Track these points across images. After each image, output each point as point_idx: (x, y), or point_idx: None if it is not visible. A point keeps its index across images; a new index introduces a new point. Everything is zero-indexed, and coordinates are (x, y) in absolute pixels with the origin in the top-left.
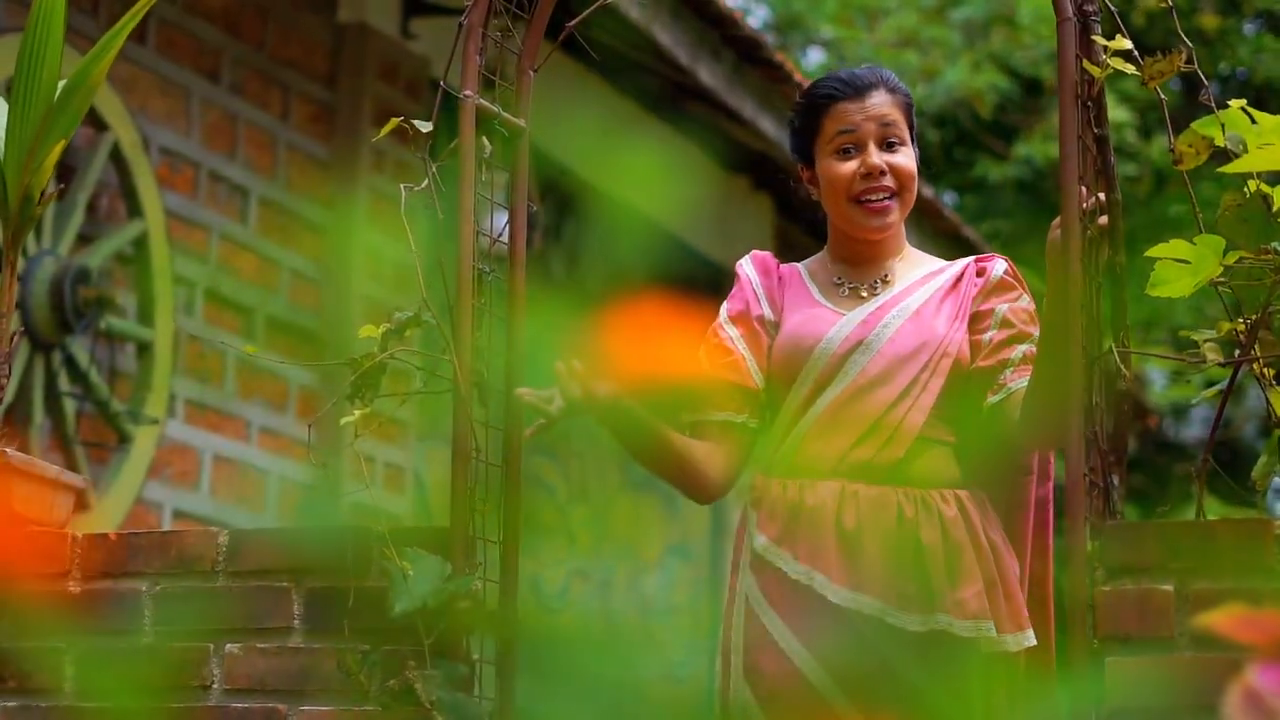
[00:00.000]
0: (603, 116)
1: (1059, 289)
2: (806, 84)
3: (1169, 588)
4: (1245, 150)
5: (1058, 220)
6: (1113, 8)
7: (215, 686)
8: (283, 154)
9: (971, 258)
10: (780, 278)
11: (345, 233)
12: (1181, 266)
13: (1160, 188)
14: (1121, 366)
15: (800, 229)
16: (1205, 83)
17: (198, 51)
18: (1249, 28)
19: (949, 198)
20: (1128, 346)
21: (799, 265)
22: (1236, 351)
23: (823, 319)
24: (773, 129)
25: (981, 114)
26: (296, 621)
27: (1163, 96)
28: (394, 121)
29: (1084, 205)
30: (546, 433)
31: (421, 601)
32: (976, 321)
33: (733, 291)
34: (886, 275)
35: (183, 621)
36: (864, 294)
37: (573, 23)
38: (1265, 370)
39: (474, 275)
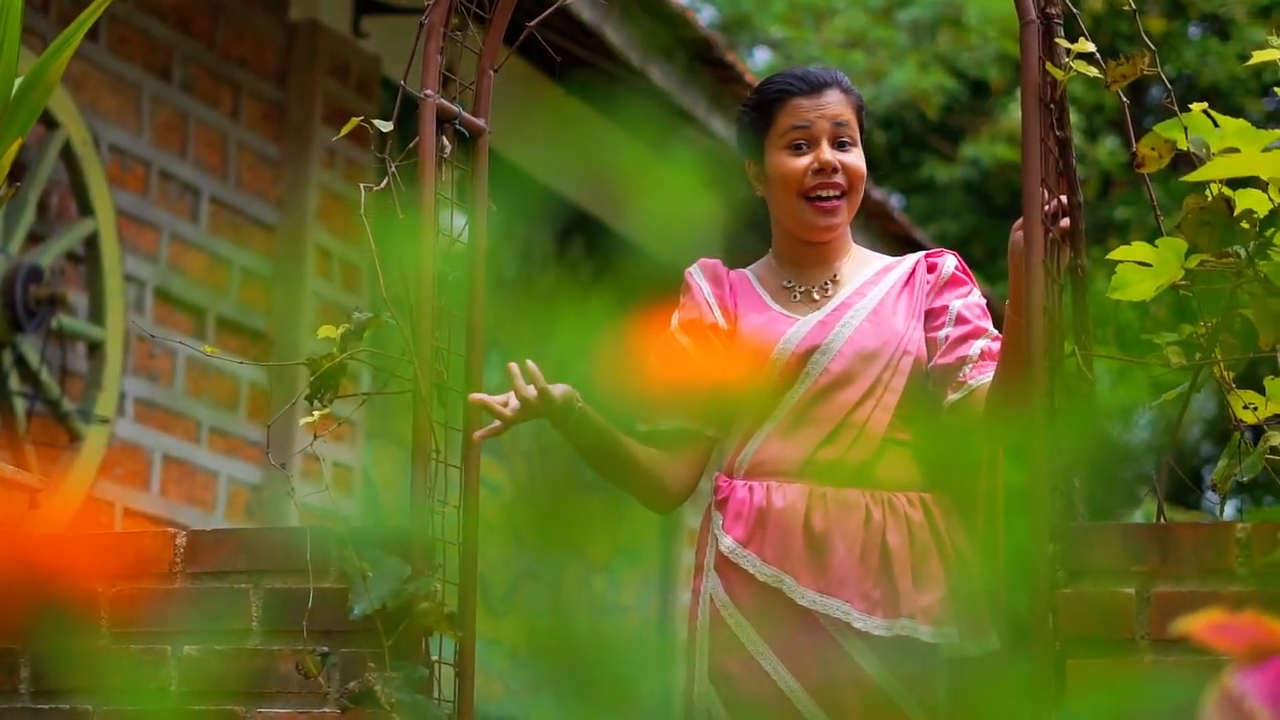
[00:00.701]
0: (554, 117)
1: (1021, 291)
2: (758, 82)
3: (1130, 590)
4: (1209, 153)
5: (1020, 222)
6: (1074, 10)
7: (172, 688)
8: (234, 152)
9: (921, 253)
10: (730, 285)
11: (296, 232)
12: (1143, 269)
13: (1106, 191)
14: (1083, 368)
15: (748, 228)
16: (1170, 86)
17: (149, 49)
18: (1194, 31)
19: (896, 199)
20: (1090, 349)
21: (746, 271)
22: (1197, 355)
23: (777, 323)
24: (724, 129)
25: (928, 115)
26: (255, 623)
27: (1125, 100)
28: (354, 121)
29: (1046, 208)
30: (498, 436)
31: (380, 603)
32: (931, 318)
33: (683, 300)
34: (836, 276)
35: (140, 623)
36: (815, 296)
37: (533, 23)
38: (1226, 373)
39: (434, 276)
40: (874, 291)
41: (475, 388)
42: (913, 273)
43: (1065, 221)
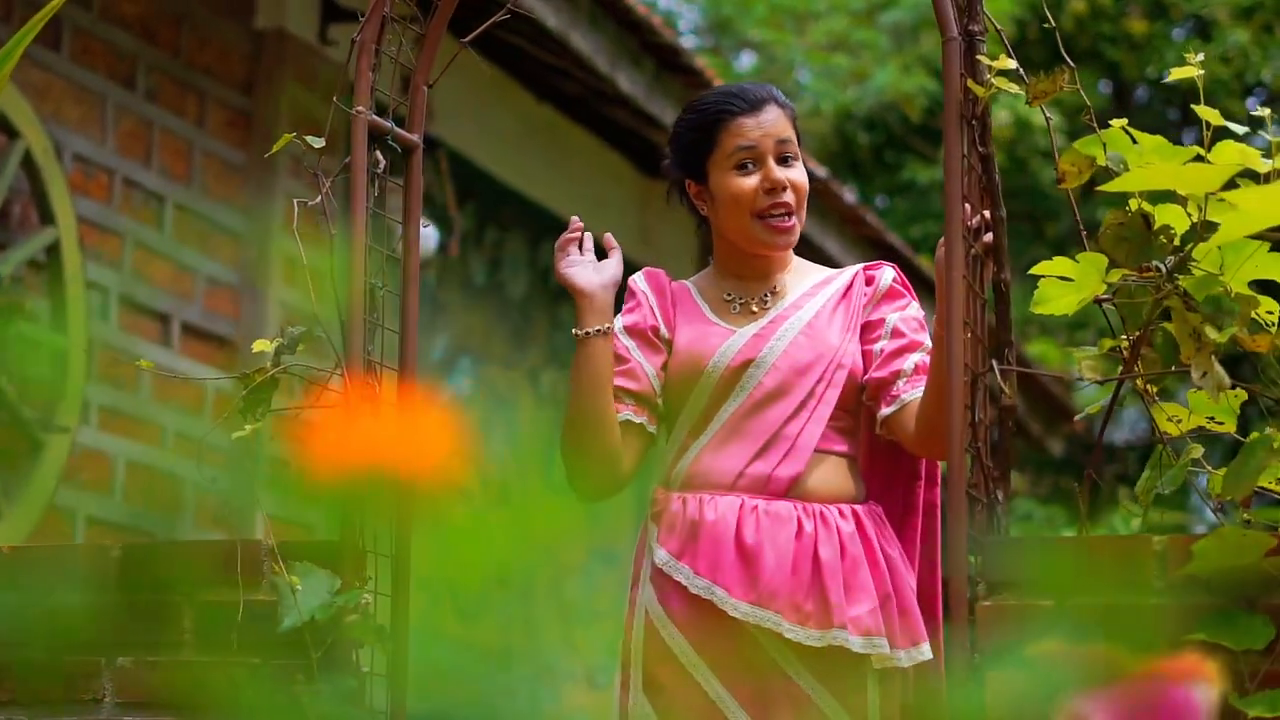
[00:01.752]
0: (523, 122)
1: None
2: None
3: (1049, 603)
4: (1126, 169)
5: (943, 239)
6: (998, 27)
7: (107, 700)
8: (199, 160)
9: (859, 265)
10: (672, 295)
11: (262, 239)
12: (1065, 284)
13: (1089, 193)
14: (1003, 385)
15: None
16: (1113, 97)
17: (113, 58)
18: (1177, 33)
19: (879, 201)
20: (1012, 363)
21: (688, 282)
22: (1119, 368)
23: (714, 336)
24: None
25: (911, 117)
26: (188, 635)
27: (1049, 116)
28: (287, 137)
29: (968, 223)
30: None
31: (310, 616)
32: (867, 331)
33: (628, 305)
34: (776, 288)
35: (75, 635)
36: (754, 309)
37: (468, 38)
38: (1149, 387)
39: (366, 290)
40: (810, 304)
41: (409, 400)
42: (850, 285)
43: (988, 237)
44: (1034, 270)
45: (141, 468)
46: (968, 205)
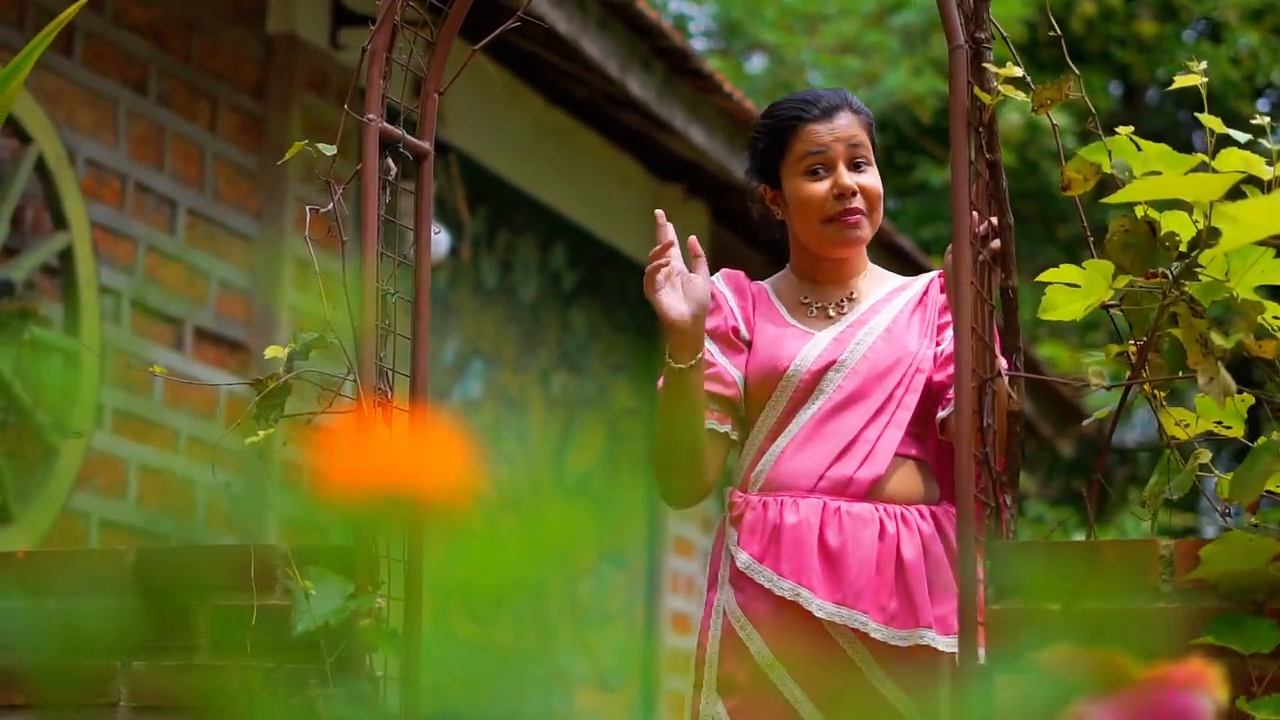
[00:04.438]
0: (534, 126)
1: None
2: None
3: (1057, 607)
4: (1131, 177)
5: (951, 245)
6: (1005, 34)
7: (122, 704)
8: (211, 165)
9: (935, 273)
10: (752, 296)
11: (274, 244)
12: (1072, 290)
13: (1098, 195)
14: (1012, 389)
15: (733, 237)
16: (1124, 99)
17: (125, 63)
18: (1188, 34)
19: (890, 203)
20: (1019, 369)
21: (765, 284)
22: (1127, 373)
23: (793, 338)
24: (703, 139)
25: (922, 119)
26: (202, 639)
27: (1054, 122)
28: (298, 145)
29: (976, 229)
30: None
31: (323, 620)
32: (936, 334)
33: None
34: (853, 294)
35: (90, 639)
36: (832, 313)
37: (480, 44)
38: (1156, 392)
39: (378, 296)
40: (888, 309)
41: (420, 405)
42: (925, 292)
43: (996, 243)
44: (1041, 277)
45: (155, 472)
46: (975, 212)
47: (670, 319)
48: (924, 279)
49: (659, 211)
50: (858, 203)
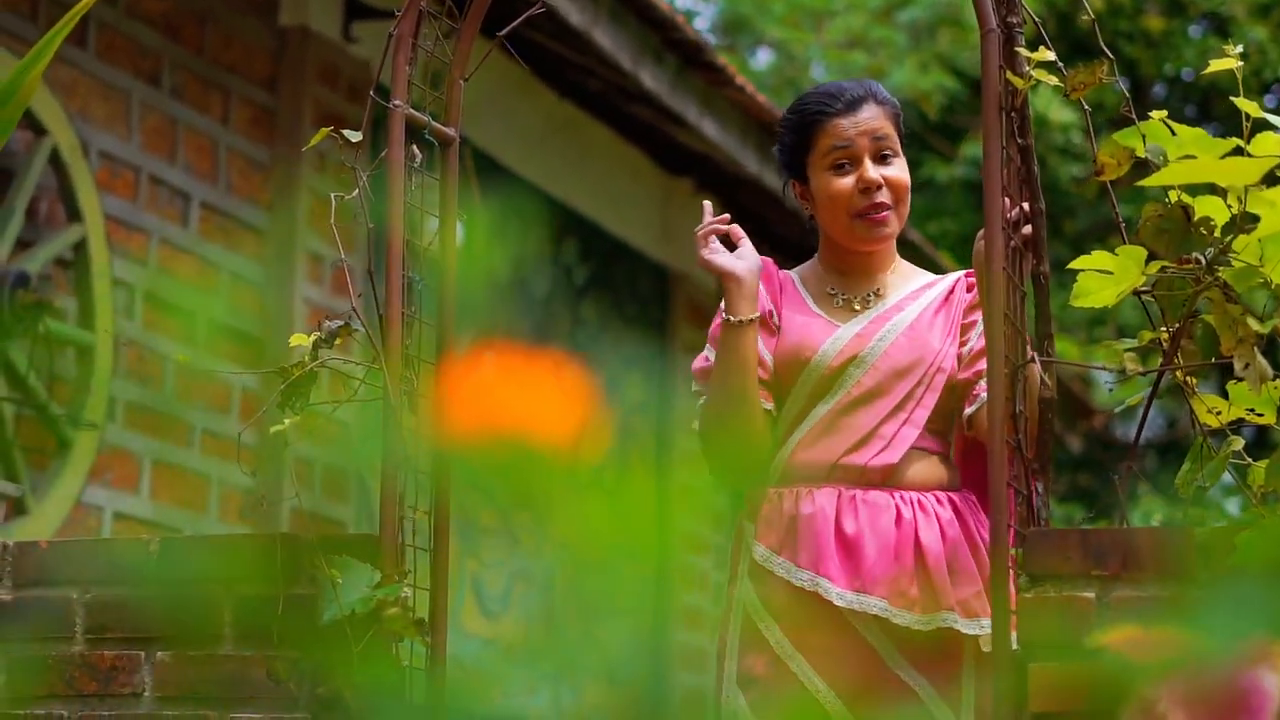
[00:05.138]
0: (545, 119)
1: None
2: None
3: (1091, 595)
4: (1165, 161)
5: (983, 231)
6: (1036, 19)
7: (147, 694)
8: (224, 157)
9: (961, 272)
10: (779, 282)
11: (287, 236)
12: (1104, 277)
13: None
14: (1043, 376)
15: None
16: (1131, 94)
17: (138, 55)
18: (1194, 30)
19: None
20: (1051, 355)
21: (792, 272)
22: (1159, 360)
23: (818, 329)
24: (715, 132)
25: (929, 115)
26: (227, 629)
27: (1087, 107)
28: (324, 131)
29: (1008, 215)
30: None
31: (350, 609)
32: (962, 333)
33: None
34: (879, 289)
35: (114, 629)
36: (857, 306)
37: (502, 32)
38: (1189, 379)
39: (404, 283)
40: (912, 307)
41: (446, 395)
42: (951, 290)
43: (1027, 229)
44: (1073, 265)
45: (168, 466)
46: (1007, 198)
47: (733, 271)
48: (951, 278)
49: (707, 202)
50: (883, 196)
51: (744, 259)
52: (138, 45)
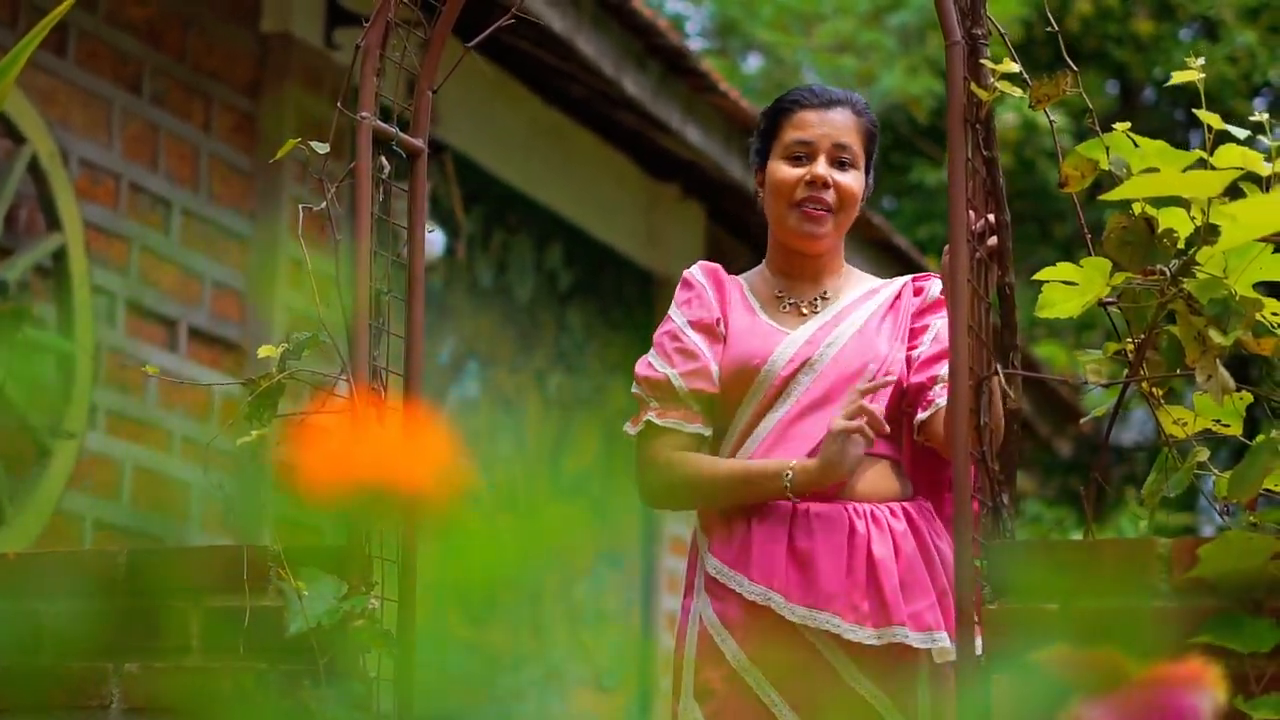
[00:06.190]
0: (530, 126)
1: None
2: (734, 93)
3: (1054, 607)
4: (1129, 174)
5: (947, 244)
6: (1002, 30)
7: (114, 706)
8: (205, 165)
9: (909, 276)
10: (726, 289)
11: (269, 244)
12: (1069, 288)
13: (1094, 195)
14: (1007, 388)
15: (730, 236)
16: (1121, 98)
17: (119, 63)
18: (1184, 33)
19: (886, 203)
20: (1017, 367)
21: (741, 278)
22: (1125, 371)
23: (767, 336)
24: (699, 137)
25: (918, 119)
26: (194, 641)
27: (1052, 119)
28: (291, 143)
29: (973, 227)
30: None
31: (316, 621)
32: (911, 338)
33: (687, 297)
34: (826, 293)
35: (82, 641)
36: (805, 310)
37: (471, 43)
38: (1154, 390)
39: (372, 296)
40: (858, 312)
41: (414, 405)
42: (899, 295)
43: (992, 240)
44: (1038, 276)
45: (148, 473)
46: (972, 210)
47: (840, 472)
48: (898, 282)
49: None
50: (827, 196)
51: (850, 464)
52: (118, 52)
